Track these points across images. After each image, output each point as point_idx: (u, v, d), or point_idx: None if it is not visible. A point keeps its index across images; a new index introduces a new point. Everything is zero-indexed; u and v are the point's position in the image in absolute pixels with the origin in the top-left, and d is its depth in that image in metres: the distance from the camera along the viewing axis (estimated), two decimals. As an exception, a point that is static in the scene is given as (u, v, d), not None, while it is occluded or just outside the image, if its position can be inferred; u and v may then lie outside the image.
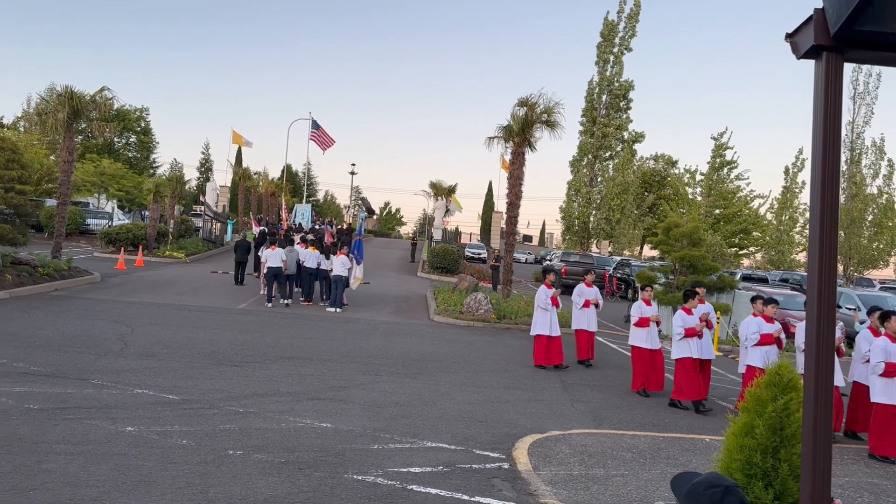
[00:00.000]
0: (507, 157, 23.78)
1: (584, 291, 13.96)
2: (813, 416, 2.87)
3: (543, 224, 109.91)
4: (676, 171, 61.89)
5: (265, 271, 18.91)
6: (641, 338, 11.86)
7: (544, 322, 12.94)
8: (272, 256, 18.64)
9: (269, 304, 18.34)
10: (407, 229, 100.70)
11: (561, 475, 6.60)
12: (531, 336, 13.15)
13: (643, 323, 11.85)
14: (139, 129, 62.35)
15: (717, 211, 47.87)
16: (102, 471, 5.70)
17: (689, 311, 11.07)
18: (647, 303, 12.36)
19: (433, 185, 46.43)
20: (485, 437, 7.84)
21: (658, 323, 12.20)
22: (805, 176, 56.09)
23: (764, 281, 32.46)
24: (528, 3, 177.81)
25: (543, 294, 13.18)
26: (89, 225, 38.07)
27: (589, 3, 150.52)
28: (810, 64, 2.97)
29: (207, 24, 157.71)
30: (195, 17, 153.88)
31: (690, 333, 10.77)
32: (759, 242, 51.02)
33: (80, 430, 6.73)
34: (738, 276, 26.34)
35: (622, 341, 18.15)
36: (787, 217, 58.20)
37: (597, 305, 13.96)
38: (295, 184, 69.09)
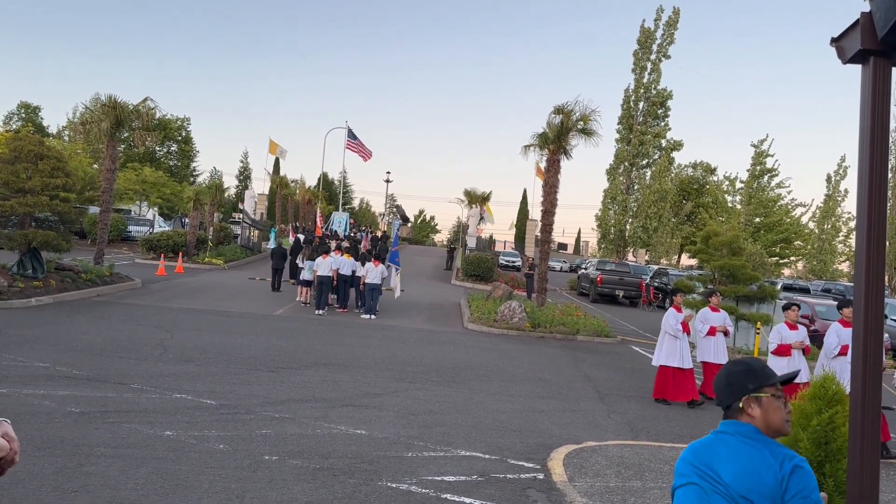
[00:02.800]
0: (543, 165, 23.68)
1: (710, 317, 11.83)
2: (860, 430, 2.78)
3: (579, 232, 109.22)
4: (715, 179, 60.99)
5: (314, 279, 19.23)
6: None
7: (673, 351, 11.20)
8: (323, 265, 18.90)
9: (321, 312, 18.55)
10: (441, 237, 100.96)
11: (597, 487, 6.51)
12: (654, 365, 11.58)
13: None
14: (180, 138, 63.60)
15: (758, 219, 47.02)
16: (141, 474, 5.79)
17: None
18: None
19: (467, 193, 46.49)
20: (519, 446, 7.78)
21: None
22: (848, 184, 54.75)
23: (806, 291, 31.69)
24: (564, 11, 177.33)
25: (672, 318, 11.40)
26: (131, 232, 38.97)
27: (627, 9, 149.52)
28: (856, 69, 2.90)
29: (246, 34, 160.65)
30: (234, 27, 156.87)
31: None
32: (800, 252, 49.96)
33: (120, 433, 6.85)
34: (778, 286, 25.76)
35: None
36: (829, 226, 56.91)
37: (725, 333, 11.85)
38: (331, 192, 69.79)
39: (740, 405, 2.33)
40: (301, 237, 31.34)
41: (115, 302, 17.22)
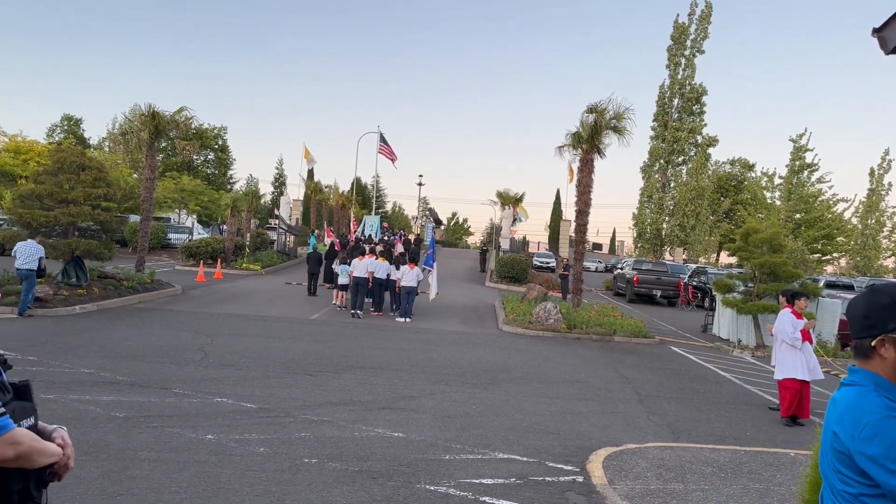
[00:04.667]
0: (575, 165, 23.47)
1: (798, 322, 10.32)
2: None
3: (614, 232, 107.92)
4: (753, 175, 59.90)
5: (349, 282, 19.53)
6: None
7: (796, 362, 10.03)
8: (359, 267, 19.10)
9: (356, 312, 18.79)
10: (474, 239, 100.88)
11: (638, 490, 6.42)
12: (775, 380, 10.54)
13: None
14: (217, 146, 64.76)
15: (798, 215, 45.99)
16: (184, 477, 5.88)
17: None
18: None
19: (500, 195, 46.31)
20: (557, 449, 7.71)
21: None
22: (892, 178, 53.35)
23: (849, 288, 30.89)
24: (596, 10, 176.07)
25: (790, 325, 10.17)
26: (171, 239, 39.75)
27: (659, 6, 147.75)
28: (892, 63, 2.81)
29: (280, 42, 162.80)
30: (268, 37, 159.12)
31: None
32: (843, 248, 48.71)
33: (163, 437, 6.97)
34: (821, 284, 25.16)
35: (699, 352, 17.62)
36: (873, 221, 55.48)
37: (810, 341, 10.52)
38: (364, 196, 70.26)
39: (872, 343, 1.99)
40: (336, 240, 31.62)
41: (157, 308, 17.56)
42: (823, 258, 48.35)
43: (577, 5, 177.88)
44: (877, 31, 2.88)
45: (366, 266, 19.13)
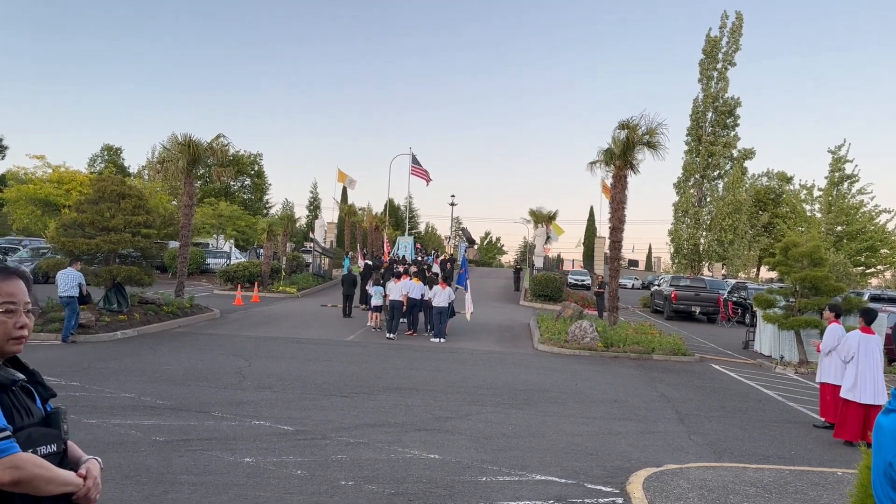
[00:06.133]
0: (609, 182, 23.31)
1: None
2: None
3: (650, 248, 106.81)
4: (792, 188, 58.79)
5: (384, 304, 19.57)
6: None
7: (857, 381, 9.47)
8: (394, 289, 19.15)
9: (391, 336, 18.77)
10: (508, 258, 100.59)
11: (679, 511, 6.27)
12: (841, 397, 9.77)
13: None
14: (253, 172, 65.80)
15: (840, 228, 44.94)
16: (223, 500, 5.92)
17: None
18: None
19: (533, 213, 46.19)
20: (596, 470, 7.59)
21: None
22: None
23: (895, 301, 29.97)
24: (626, 25, 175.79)
25: (854, 341, 9.76)
26: (209, 264, 40.44)
27: (691, 20, 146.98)
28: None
29: (313, 68, 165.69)
30: (300, 62, 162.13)
31: None
32: (888, 260, 47.33)
33: (202, 460, 7.04)
34: (865, 297, 24.44)
35: (740, 369, 17.24)
36: (918, 231, 53.90)
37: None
38: (397, 217, 70.69)
39: None
40: (370, 262, 31.81)
41: (196, 332, 17.82)
42: (867, 271, 47.07)
43: (607, 22, 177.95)
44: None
45: (400, 289, 19.15)
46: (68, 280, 15.13)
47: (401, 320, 19.84)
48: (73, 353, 13.77)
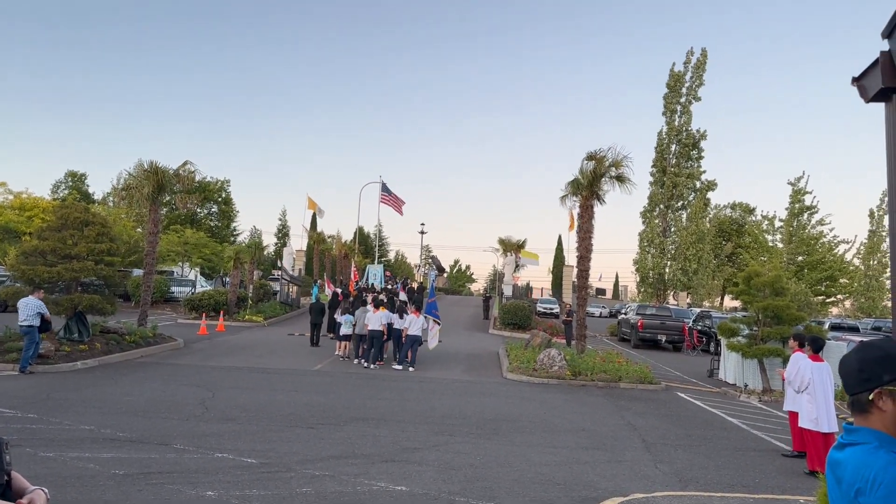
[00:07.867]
0: (576, 212, 23.62)
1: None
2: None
3: (616, 277, 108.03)
4: (754, 219, 60.23)
5: (364, 333, 19.30)
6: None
7: (817, 410, 9.69)
8: (373, 319, 18.95)
9: (373, 366, 18.57)
10: (477, 286, 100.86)
11: (646, 541, 6.28)
12: (801, 427, 9.92)
13: None
14: (220, 199, 65.30)
15: (800, 258, 46.04)
16: (183, 536, 5.77)
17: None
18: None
19: (502, 242, 46.51)
20: (564, 500, 7.58)
21: None
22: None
23: (855, 330, 30.67)
24: (596, 56, 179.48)
25: (807, 369, 9.93)
26: (174, 292, 39.76)
27: (659, 52, 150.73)
28: (880, 107, 2.87)
29: (278, 94, 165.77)
30: (268, 89, 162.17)
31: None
32: (847, 289, 48.57)
33: (163, 494, 6.87)
34: (826, 326, 24.99)
35: (705, 397, 17.42)
36: (875, 262, 55.45)
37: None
38: (367, 245, 70.53)
39: (870, 397, 1.95)
40: (338, 291, 31.61)
41: (159, 363, 17.47)
42: (828, 300, 48.17)
43: (577, 51, 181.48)
44: (856, 80, 2.95)
45: (380, 318, 18.98)
46: (28, 309, 14.77)
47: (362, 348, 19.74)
48: (31, 383, 13.38)
